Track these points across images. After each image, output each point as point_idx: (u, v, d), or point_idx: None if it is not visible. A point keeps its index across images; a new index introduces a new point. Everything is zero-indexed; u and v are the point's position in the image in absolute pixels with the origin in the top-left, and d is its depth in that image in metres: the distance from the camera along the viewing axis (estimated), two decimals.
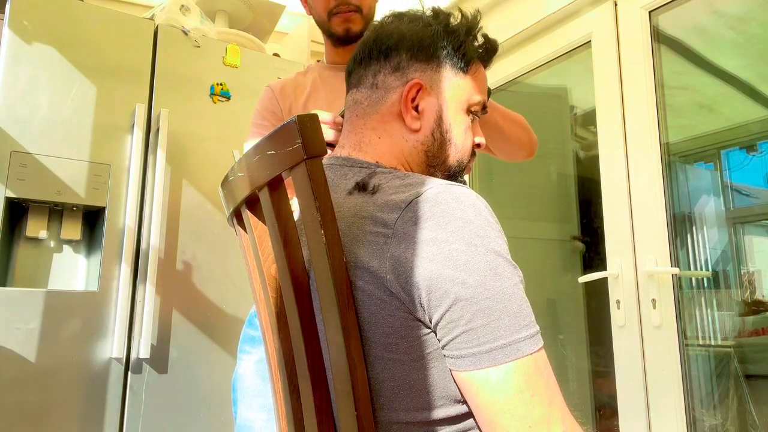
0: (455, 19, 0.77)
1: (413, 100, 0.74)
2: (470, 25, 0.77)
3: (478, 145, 0.80)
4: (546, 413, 0.56)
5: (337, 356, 0.59)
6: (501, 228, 0.62)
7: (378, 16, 0.83)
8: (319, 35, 1.38)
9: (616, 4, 1.80)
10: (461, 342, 0.57)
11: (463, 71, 0.76)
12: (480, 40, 0.78)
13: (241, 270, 1.97)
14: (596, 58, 1.84)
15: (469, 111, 0.78)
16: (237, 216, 0.77)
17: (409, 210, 0.60)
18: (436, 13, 0.78)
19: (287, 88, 1.27)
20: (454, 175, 0.78)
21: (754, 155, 2.35)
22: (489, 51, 0.79)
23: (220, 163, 1.99)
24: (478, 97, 0.78)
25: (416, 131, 0.74)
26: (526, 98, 2.48)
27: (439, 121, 0.75)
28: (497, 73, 2.24)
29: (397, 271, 0.59)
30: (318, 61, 1.38)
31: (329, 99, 1.23)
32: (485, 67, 0.81)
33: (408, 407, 0.61)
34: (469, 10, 0.79)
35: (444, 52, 0.75)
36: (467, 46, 0.76)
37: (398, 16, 0.78)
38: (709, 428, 1.79)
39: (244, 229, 0.76)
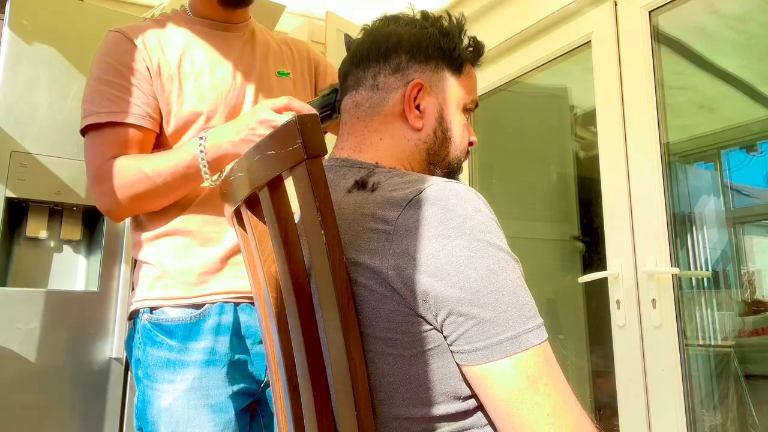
0: (446, 22, 0.80)
1: (414, 99, 0.76)
2: (460, 28, 0.80)
3: (471, 143, 0.84)
4: (561, 401, 0.57)
5: (337, 356, 0.59)
6: (499, 223, 0.63)
7: (366, 20, 0.85)
8: (320, 35, 1.35)
9: (616, 4, 1.80)
10: (471, 336, 0.58)
11: (458, 71, 0.79)
12: (466, 42, 0.81)
13: None
14: (596, 58, 1.84)
15: (464, 110, 0.80)
16: (237, 216, 0.77)
17: (410, 207, 0.61)
18: (426, 15, 0.80)
19: (150, 39, 1.03)
20: (453, 172, 0.81)
21: (754, 155, 2.35)
22: (479, 52, 0.83)
23: None
24: (471, 96, 0.81)
25: (419, 130, 0.76)
26: (526, 98, 2.48)
27: (441, 119, 0.77)
28: (498, 73, 2.24)
29: (399, 267, 0.59)
30: (174, 10, 1.14)
31: (211, 60, 1.06)
32: (473, 66, 0.84)
33: (407, 403, 0.61)
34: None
35: (440, 54, 0.77)
36: (460, 48, 0.79)
37: (393, 20, 0.81)
38: (709, 428, 1.79)
39: (244, 229, 0.76)
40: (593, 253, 2.19)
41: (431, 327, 0.60)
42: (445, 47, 0.77)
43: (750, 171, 2.34)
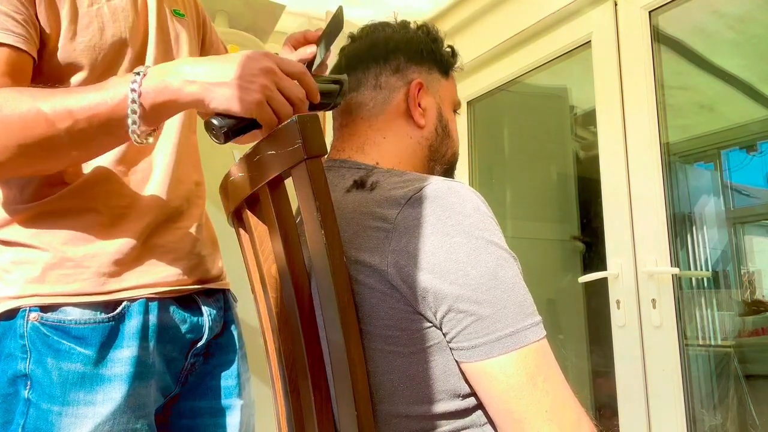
0: (432, 29, 0.85)
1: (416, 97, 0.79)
2: (442, 37, 0.86)
3: None
4: (560, 397, 0.58)
5: (337, 356, 0.59)
6: (497, 222, 0.64)
7: (366, 20, 0.88)
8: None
9: (616, 4, 1.80)
10: (470, 333, 0.58)
11: (446, 74, 0.84)
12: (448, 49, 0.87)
13: (241, 269, 1.97)
14: (596, 58, 1.84)
15: (453, 109, 0.85)
16: (237, 216, 0.78)
17: (409, 205, 0.62)
18: (405, 24, 0.85)
19: None
20: (451, 168, 0.84)
21: (754, 155, 2.35)
22: (457, 59, 0.87)
23: (219, 163, 1.99)
24: (456, 99, 0.87)
25: (422, 128, 0.79)
26: (526, 98, 2.48)
27: (440, 117, 0.81)
28: (498, 73, 2.24)
29: (398, 265, 0.60)
30: None
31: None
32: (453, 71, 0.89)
33: (408, 400, 0.62)
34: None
35: (432, 57, 0.82)
36: (447, 53, 0.85)
37: (385, 25, 0.85)
38: (709, 428, 1.79)
39: (244, 229, 0.76)
40: (593, 253, 2.19)
41: (431, 324, 0.61)
42: (435, 51, 0.82)
43: (750, 171, 2.35)
